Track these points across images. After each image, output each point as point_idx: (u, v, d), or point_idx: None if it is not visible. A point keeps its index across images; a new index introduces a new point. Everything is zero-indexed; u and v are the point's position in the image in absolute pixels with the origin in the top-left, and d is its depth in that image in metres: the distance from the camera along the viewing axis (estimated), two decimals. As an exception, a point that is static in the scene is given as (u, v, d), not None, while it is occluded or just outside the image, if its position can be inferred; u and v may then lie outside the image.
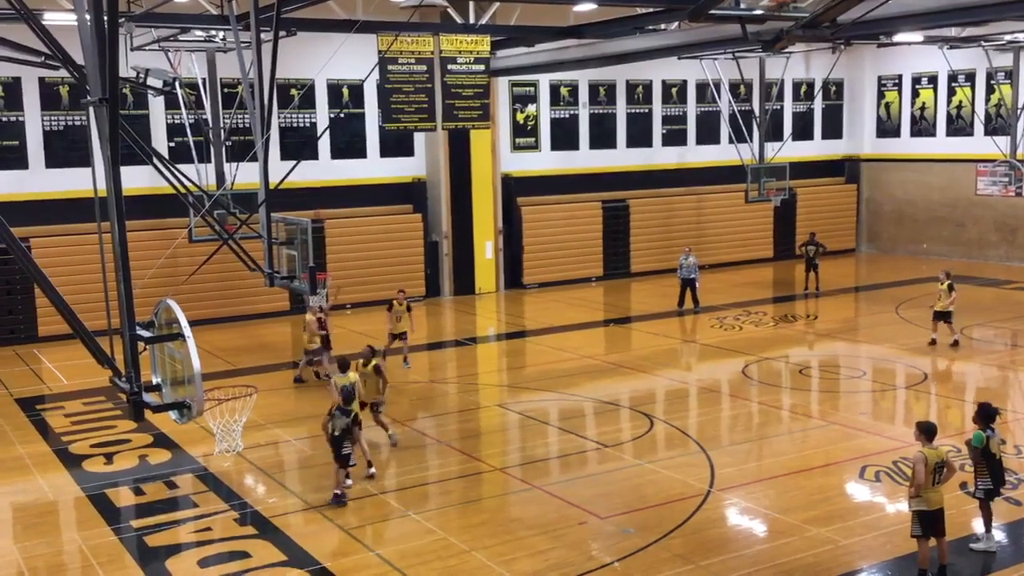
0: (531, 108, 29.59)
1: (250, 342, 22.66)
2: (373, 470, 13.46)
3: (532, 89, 29.45)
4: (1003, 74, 29.98)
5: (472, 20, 21.69)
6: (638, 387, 18.38)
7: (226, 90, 23.93)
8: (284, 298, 25.25)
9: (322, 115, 26.46)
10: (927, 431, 10.03)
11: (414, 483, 13.45)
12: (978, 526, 11.05)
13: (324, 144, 26.47)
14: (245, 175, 19.84)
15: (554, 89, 29.75)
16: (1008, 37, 27.17)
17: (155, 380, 8.20)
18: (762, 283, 30.14)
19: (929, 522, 9.90)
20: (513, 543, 11.29)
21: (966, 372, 18.96)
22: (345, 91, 26.65)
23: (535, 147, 29.75)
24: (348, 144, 27.02)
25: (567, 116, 30.17)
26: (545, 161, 29.85)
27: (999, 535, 11.07)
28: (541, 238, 29.40)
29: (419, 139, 27.67)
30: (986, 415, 10.73)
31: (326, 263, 25.12)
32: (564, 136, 30.16)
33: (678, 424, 15.80)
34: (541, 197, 29.55)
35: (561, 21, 23.38)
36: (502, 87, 28.52)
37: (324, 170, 26.40)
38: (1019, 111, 29.18)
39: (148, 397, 7.99)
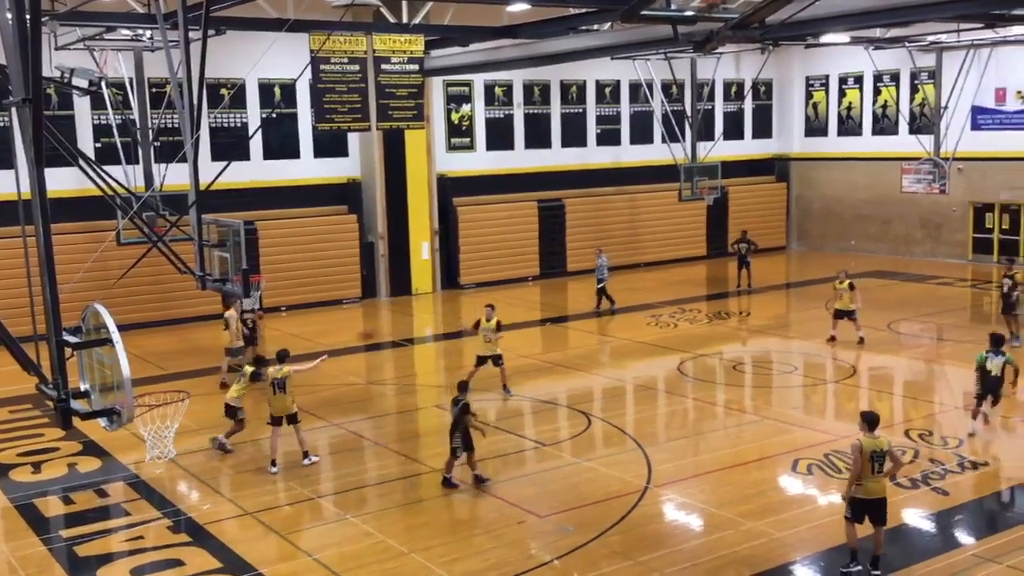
0: (466, 108, 29.57)
1: (182, 346, 22.28)
2: (313, 458, 13.99)
3: (467, 89, 29.42)
4: (926, 74, 30.77)
5: (405, 20, 21.61)
6: (575, 385, 18.48)
7: (154, 90, 23.52)
8: (217, 301, 24.72)
9: (253, 115, 26.11)
10: (867, 420, 10.29)
11: (352, 486, 13.35)
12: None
13: (256, 144, 26.11)
14: (175, 176, 19.51)
15: (489, 89, 29.76)
16: (931, 38, 27.89)
17: (83, 386, 8.02)
18: (696, 281, 30.51)
19: (862, 509, 10.10)
20: (453, 544, 11.27)
21: (894, 366, 19.41)
22: (277, 91, 26.35)
23: (470, 147, 29.74)
24: (281, 144, 26.70)
25: (502, 116, 30.20)
26: (480, 161, 29.85)
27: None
28: (477, 238, 29.40)
29: (353, 139, 27.46)
30: (995, 341, 14.09)
31: (259, 265, 24.81)
32: (499, 136, 30.19)
33: (615, 422, 15.91)
34: (477, 197, 29.55)
35: (495, 21, 23.39)
36: (436, 87, 28.45)
37: (257, 171, 26.05)
38: (942, 110, 29.98)
39: (76, 404, 7.81)
